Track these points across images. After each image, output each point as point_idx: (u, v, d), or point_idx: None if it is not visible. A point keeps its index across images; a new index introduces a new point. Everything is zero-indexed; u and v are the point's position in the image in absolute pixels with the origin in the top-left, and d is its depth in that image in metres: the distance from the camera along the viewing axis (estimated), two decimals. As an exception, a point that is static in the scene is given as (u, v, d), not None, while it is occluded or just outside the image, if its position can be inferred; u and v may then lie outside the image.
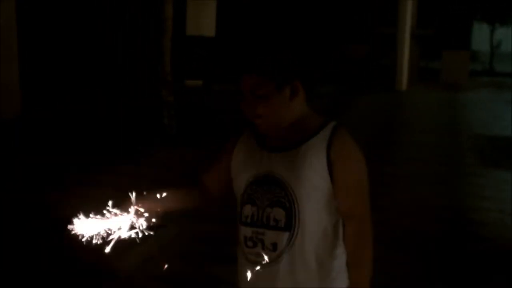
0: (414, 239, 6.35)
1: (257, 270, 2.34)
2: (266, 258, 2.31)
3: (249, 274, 2.36)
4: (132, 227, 2.25)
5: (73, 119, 11.72)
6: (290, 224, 2.29)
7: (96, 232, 2.21)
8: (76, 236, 2.21)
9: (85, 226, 2.20)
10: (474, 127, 13.50)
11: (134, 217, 2.26)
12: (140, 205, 2.31)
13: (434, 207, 7.55)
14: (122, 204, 2.27)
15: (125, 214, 2.25)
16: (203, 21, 18.26)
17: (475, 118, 14.97)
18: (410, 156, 10.43)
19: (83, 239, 2.21)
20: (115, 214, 2.23)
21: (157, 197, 2.38)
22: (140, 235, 2.25)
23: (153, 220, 2.29)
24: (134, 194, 2.29)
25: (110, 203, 2.24)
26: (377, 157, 10.13)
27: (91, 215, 2.22)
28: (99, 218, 2.22)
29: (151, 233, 2.26)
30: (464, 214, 7.27)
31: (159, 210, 2.35)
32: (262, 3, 20.11)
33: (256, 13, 19.38)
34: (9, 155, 8.96)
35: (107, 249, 2.19)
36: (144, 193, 2.37)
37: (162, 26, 10.94)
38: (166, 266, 2.69)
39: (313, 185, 2.28)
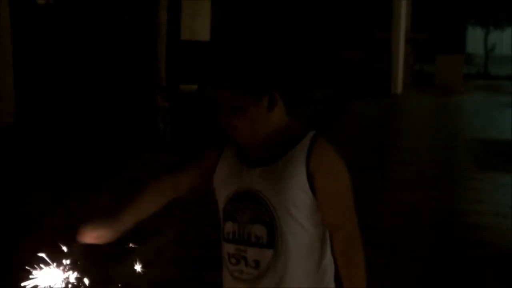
0: (409, 244, 6.34)
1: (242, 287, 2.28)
2: (249, 275, 2.26)
3: None
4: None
5: (68, 125, 11.69)
6: (272, 240, 2.22)
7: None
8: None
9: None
10: (469, 131, 13.50)
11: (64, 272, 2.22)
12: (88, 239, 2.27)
13: (429, 211, 7.54)
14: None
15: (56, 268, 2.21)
16: (198, 26, 18.26)
17: (470, 121, 14.97)
18: (405, 160, 10.43)
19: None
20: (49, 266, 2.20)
21: (110, 224, 2.32)
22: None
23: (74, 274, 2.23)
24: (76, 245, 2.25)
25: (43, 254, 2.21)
26: (372, 162, 10.15)
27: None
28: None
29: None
30: (460, 218, 7.26)
31: (114, 237, 2.31)
32: (248, 11, 19.89)
33: (236, 23, 19.08)
34: (9, 159, 8.94)
35: None
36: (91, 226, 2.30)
37: (156, 31, 10.92)
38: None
39: (294, 199, 2.20)
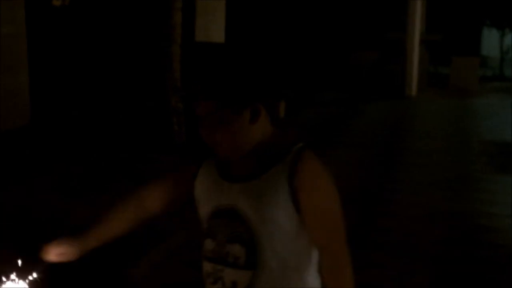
0: (422, 246, 6.33)
1: None
2: None
3: None
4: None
5: (81, 126, 11.75)
6: (251, 261, 2.09)
7: None
8: None
9: None
10: (484, 133, 13.45)
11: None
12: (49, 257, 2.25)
13: (443, 213, 7.51)
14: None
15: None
16: (212, 28, 18.30)
17: (485, 123, 14.91)
18: (419, 162, 10.39)
19: None
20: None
21: (74, 242, 2.28)
22: None
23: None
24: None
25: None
26: (386, 163, 10.12)
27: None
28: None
29: None
30: (474, 220, 7.24)
31: (77, 255, 2.26)
32: (262, 12, 19.64)
33: (250, 25, 18.72)
34: (22, 162, 8.99)
35: None
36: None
37: (171, 33, 10.94)
38: None
39: (275, 218, 2.07)
